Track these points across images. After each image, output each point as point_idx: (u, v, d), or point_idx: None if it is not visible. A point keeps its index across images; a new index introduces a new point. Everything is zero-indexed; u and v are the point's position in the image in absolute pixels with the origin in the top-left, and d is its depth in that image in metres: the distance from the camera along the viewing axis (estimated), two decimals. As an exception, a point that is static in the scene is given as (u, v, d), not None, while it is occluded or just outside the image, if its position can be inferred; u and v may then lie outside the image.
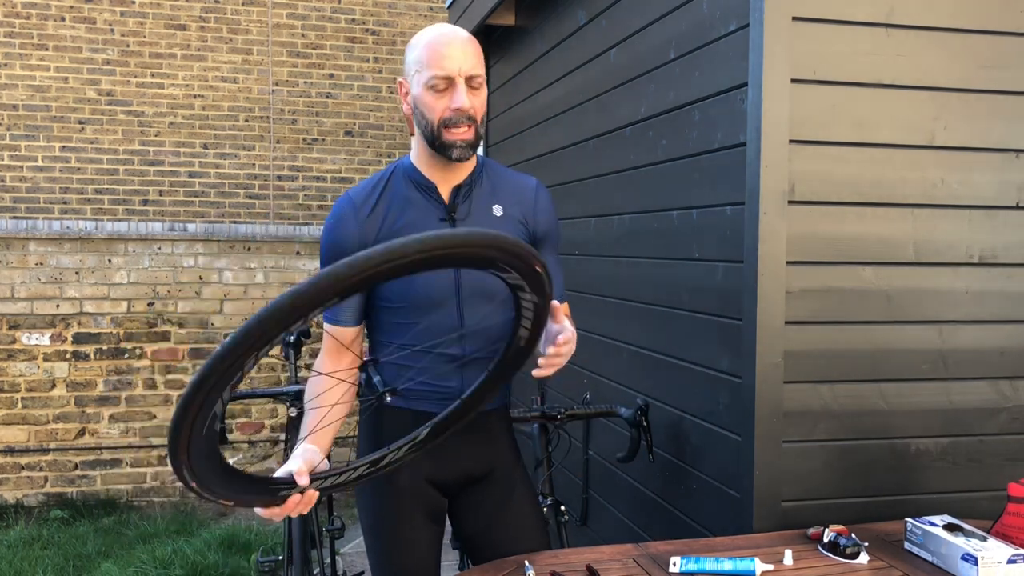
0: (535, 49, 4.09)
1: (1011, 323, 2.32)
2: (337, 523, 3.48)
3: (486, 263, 1.49)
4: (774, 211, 2.15)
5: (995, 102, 2.27)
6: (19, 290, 5.57)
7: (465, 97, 1.84)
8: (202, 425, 1.36)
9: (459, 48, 1.83)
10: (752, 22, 2.17)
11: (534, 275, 1.54)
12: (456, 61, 1.82)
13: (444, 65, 1.82)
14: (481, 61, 1.88)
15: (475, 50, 1.87)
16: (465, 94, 1.84)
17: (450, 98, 1.84)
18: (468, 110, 1.84)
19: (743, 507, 2.22)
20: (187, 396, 1.32)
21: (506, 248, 1.46)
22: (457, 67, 1.83)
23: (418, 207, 1.92)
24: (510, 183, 2.02)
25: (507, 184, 2.01)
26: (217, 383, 1.33)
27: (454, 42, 1.84)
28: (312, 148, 8.62)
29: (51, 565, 4.50)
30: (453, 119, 1.84)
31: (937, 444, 2.29)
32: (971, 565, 1.74)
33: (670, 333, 2.69)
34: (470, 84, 1.85)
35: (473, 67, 1.85)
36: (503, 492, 2.04)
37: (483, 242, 1.43)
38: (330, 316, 1.96)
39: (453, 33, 1.86)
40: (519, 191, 2.01)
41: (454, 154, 1.86)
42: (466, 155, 1.88)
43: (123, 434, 5.75)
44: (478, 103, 1.87)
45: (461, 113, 1.84)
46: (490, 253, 1.45)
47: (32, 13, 7.95)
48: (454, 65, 1.82)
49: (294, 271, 6.00)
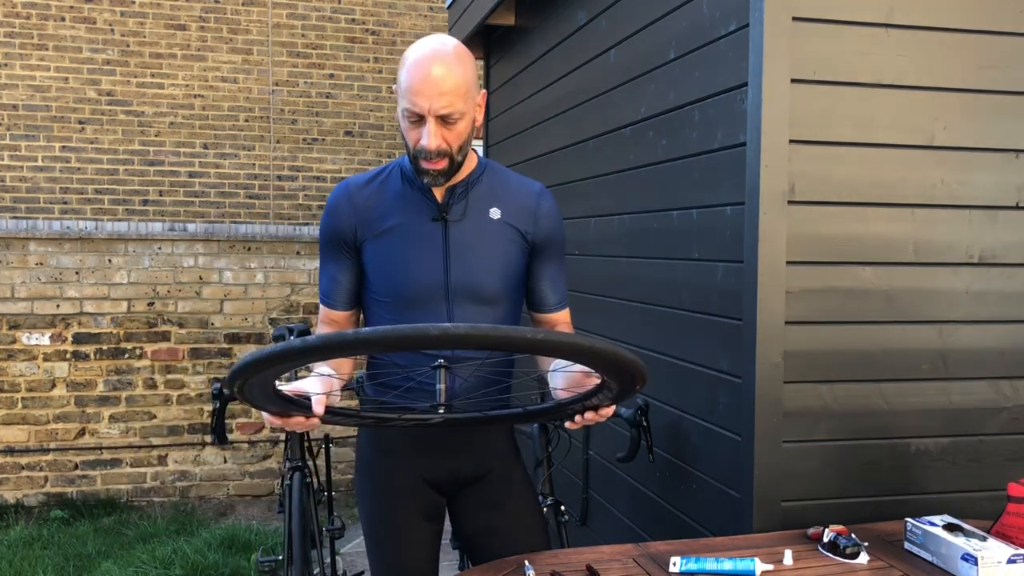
0: (535, 49, 4.09)
1: (1011, 323, 2.31)
2: (337, 523, 3.48)
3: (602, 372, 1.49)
4: (774, 211, 2.15)
5: (995, 102, 2.27)
6: (19, 290, 5.57)
7: (432, 138, 1.78)
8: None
9: (435, 85, 1.75)
10: (752, 22, 2.17)
11: (631, 391, 1.55)
12: (428, 100, 1.76)
13: (415, 101, 1.77)
14: (461, 91, 1.78)
15: (455, 82, 1.77)
16: (434, 134, 1.78)
17: (421, 131, 1.80)
18: (433, 150, 1.80)
19: (743, 507, 2.22)
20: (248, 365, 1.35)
21: (626, 367, 1.43)
22: (427, 106, 1.76)
23: (411, 205, 1.93)
24: (512, 187, 2.01)
25: (509, 187, 2.00)
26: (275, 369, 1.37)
27: (429, 79, 1.75)
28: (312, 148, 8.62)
29: (51, 565, 4.50)
30: (424, 152, 1.81)
31: (937, 444, 2.29)
32: (971, 565, 1.74)
33: (670, 333, 2.69)
34: (444, 120, 1.79)
35: (446, 105, 1.76)
36: (502, 491, 2.04)
37: (619, 359, 1.39)
38: (323, 297, 2.02)
39: (435, 63, 1.76)
40: (521, 196, 2.00)
41: (426, 180, 1.87)
42: (438, 183, 1.88)
43: (123, 434, 5.75)
44: (453, 136, 1.81)
45: (428, 152, 1.81)
46: (617, 371, 1.44)
47: (32, 13, 7.95)
48: (425, 103, 1.76)
49: (294, 271, 6.00)
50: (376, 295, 1.95)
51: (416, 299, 1.90)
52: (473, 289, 1.91)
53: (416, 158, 1.84)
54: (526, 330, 1.31)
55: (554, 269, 2.04)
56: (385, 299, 1.93)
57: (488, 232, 1.94)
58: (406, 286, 1.90)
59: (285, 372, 1.41)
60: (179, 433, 5.86)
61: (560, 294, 2.06)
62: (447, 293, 1.91)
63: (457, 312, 1.92)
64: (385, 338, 1.28)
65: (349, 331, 1.31)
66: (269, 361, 1.32)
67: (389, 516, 1.99)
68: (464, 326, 1.29)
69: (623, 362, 1.41)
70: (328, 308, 2.01)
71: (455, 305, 1.92)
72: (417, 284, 1.90)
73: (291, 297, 6.01)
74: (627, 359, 1.41)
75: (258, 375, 1.38)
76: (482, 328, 1.29)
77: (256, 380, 1.41)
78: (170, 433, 5.84)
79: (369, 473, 2.02)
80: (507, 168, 2.08)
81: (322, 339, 1.29)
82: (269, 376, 1.41)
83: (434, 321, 1.90)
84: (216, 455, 5.92)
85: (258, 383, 1.43)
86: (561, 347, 1.36)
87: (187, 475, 5.87)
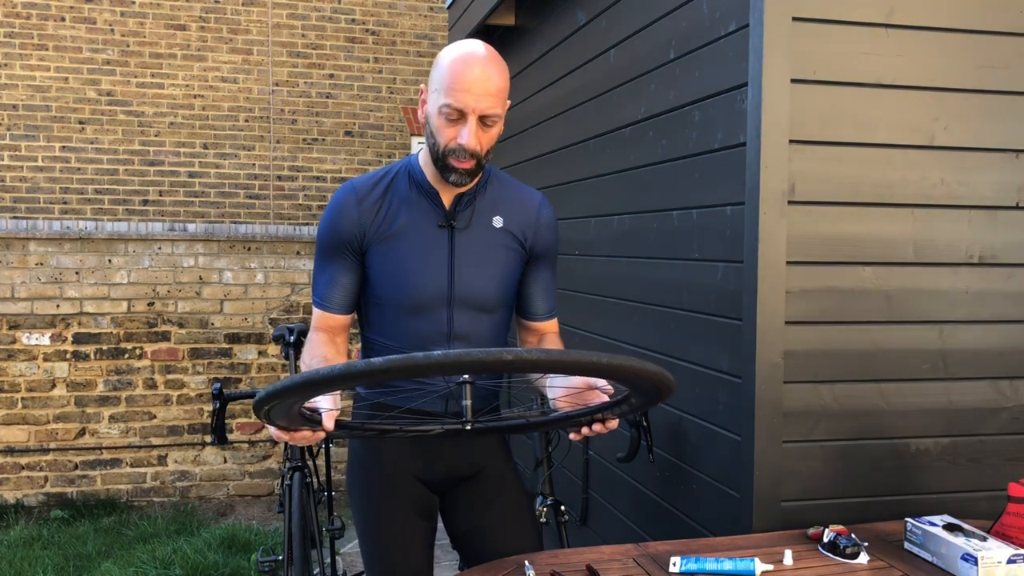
0: (535, 49, 4.09)
1: (1011, 323, 2.31)
2: (337, 523, 3.48)
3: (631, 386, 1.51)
4: (774, 211, 2.15)
5: (995, 102, 2.27)
6: (19, 290, 5.57)
7: (473, 137, 1.79)
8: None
9: (480, 84, 1.77)
10: (752, 22, 2.17)
11: (654, 403, 1.57)
12: (474, 98, 1.77)
13: (461, 99, 1.77)
14: (502, 96, 1.82)
15: (499, 85, 1.80)
16: (474, 133, 1.79)
17: (458, 130, 1.80)
18: (472, 149, 1.81)
19: (743, 507, 2.22)
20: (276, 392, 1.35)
21: (657, 381, 1.45)
22: (472, 104, 1.78)
23: (418, 210, 1.93)
24: (514, 196, 2.01)
25: (511, 197, 2.01)
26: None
27: (478, 78, 1.77)
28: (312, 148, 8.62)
29: (51, 565, 4.50)
30: (456, 152, 1.82)
31: (937, 444, 2.29)
32: (971, 565, 1.74)
33: (670, 333, 2.69)
34: (483, 122, 1.81)
35: (490, 106, 1.79)
36: (493, 490, 2.04)
37: (647, 373, 1.41)
38: (319, 300, 1.96)
39: (483, 64, 1.78)
40: (522, 205, 2.01)
41: (452, 178, 1.86)
42: (463, 182, 1.87)
43: (123, 434, 5.75)
44: (486, 139, 1.83)
45: (464, 151, 1.81)
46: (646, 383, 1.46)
47: (32, 13, 7.95)
48: (470, 101, 1.77)
49: (294, 271, 6.00)
50: (377, 299, 1.94)
51: (418, 305, 1.90)
52: (475, 298, 1.92)
53: (445, 156, 1.83)
54: (591, 354, 1.32)
55: (547, 278, 2.05)
56: (386, 303, 1.93)
57: (491, 241, 1.95)
58: (410, 292, 1.90)
59: (336, 391, 1.38)
60: (179, 433, 5.86)
61: (550, 303, 2.07)
62: (449, 300, 1.92)
63: (457, 318, 1.92)
64: (459, 362, 1.26)
65: (419, 355, 1.25)
66: (330, 382, 1.28)
67: (383, 515, 1.99)
68: (536, 351, 1.30)
69: (667, 385, 1.45)
70: (324, 311, 1.95)
71: (455, 311, 1.92)
72: (421, 291, 1.90)
73: (291, 297, 6.01)
74: (671, 383, 1.45)
75: (307, 395, 1.34)
76: (554, 353, 1.30)
77: (295, 400, 1.38)
78: (170, 433, 5.84)
79: (362, 472, 2.02)
80: (508, 175, 2.09)
81: (388, 362, 1.25)
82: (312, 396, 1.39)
83: (433, 327, 1.91)
84: (216, 455, 5.92)
85: (292, 402, 1.40)
86: (622, 370, 1.36)
87: (187, 475, 5.87)
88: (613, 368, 1.35)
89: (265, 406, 1.37)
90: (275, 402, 1.37)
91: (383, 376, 1.28)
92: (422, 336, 1.90)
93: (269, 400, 1.36)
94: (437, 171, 1.89)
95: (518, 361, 1.27)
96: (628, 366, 1.36)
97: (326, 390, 1.34)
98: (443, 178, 1.88)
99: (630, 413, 1.68)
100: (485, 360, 1.26)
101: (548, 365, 1.31)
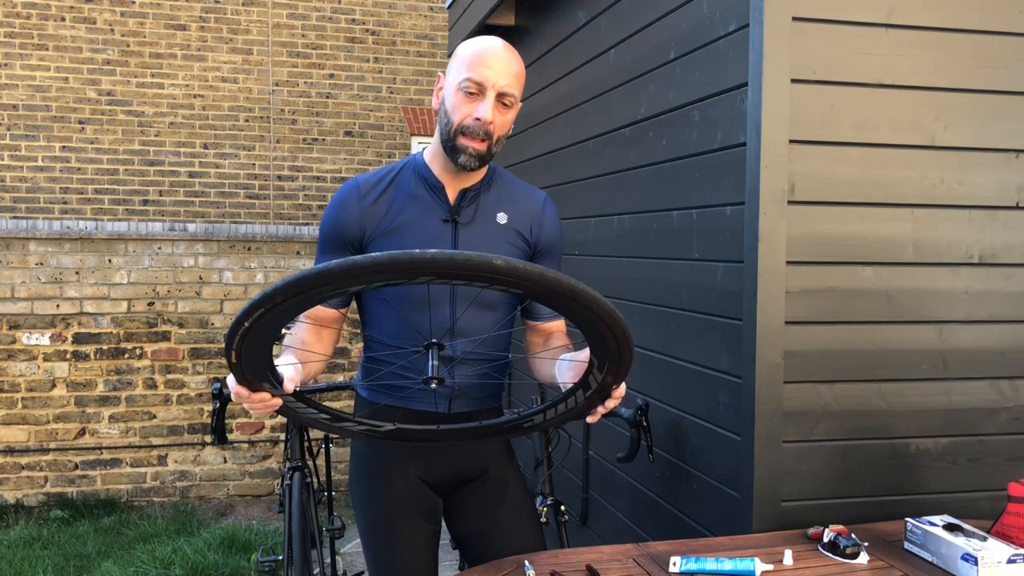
0: (535, 49, 4.09)
1: (1011, 323, 2.31)
2: (337, 523, 3.48)
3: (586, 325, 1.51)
4: (774, 211, 2.15)
5: (995, 102, 2.27)
6: (19, 290, 5.57)
7: (490, 111, 1.83)
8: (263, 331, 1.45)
9: (502, 63, 1.84)
10: (752, 22, 2.17)
11: (614, 356, 1.55)
12: (494, 73, 1.83)
13: (481, 72, 1.82)
14: (520, 83, 1.88)
15: (518, 71, 1.88)
16: (491, 108, 1.84)
17: (476, 106, 1.84)
18: (488, 124, 1.84)
19: (743, 507, 2.22)
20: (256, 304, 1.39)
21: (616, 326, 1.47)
22: (493, 79, 1.83)
23: (422, 204, 1.93)
24: (518, 194, 2.02)
25: (515, 195, 2.02)
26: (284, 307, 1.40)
27: (500, 56, 1.85)
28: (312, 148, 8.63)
29: (51, 565, 4.50)
30: (472, 128, 1.84)
31: (937, 444, 2.29)
32: (971, 565, 1.74)
33: (670, 333, 2.69)
34: (501, 100, 1.85)
35: (509, 85, 1.85)
36: (497, 492, 2.04)
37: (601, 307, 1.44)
38: None
39: (503, 50, 1.87)
40: (527, 203, 2.02)
41: (461, 159, 1.86)
42: (472, 164, 1.88)
43: (123, 434, 5.75)
44: (501, 121, 1.87)
45: (480, 124, 1.83)
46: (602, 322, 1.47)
47: (32, 13, 7.95)
48: (491, 76, 1.83)
49: (294, 271, 5.99)
50: (379, 293, 1.94)
51: (421, 300, 1.90)
52: (478, 295, 1.91)
53: (459, 134, 1.85)
54: (498, 256, 1.39)
55: None
56: (389, 298, 1.93)
57: (496, 237, 1.95)
58: (412, 287, 1.89)
59: (324, 297, 1.43)
60: (179, 433, 5.86)
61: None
62: (452, 297, 1.91)
63: (459, 314, 1.92)
64: (452, 260, 1.36)
65: (416, 251, 1.36)
66: (314, 281, 1.35)
67: (388, 517, 1.98)
68: (522, 263, 1.38)
69: (599, 307, 1.44)
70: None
71: (458, 307, 1.92)
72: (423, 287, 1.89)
73: (291, 297, 6.01)
74: (609, 309, 1.44)
75: (302, 295, 1.38)
76: (532, 268, 1.39)
77: (268, 323, 1.42)
78: (170, 433, 5.84)
79: (366, 473, 2.02)
80: (513, 175, 2.09)
81: (390, 256, 1.35)
82: (285, 318, 1.43)
83: (438, 323, 1.90)
84: (216, 455, 5.92)
85: (265, 331, 1.44)
86: (541, 280, 1.41)
87: (187, 475, 5.87)
88: (517, 272, 1.40)
89: (259, 309, 1.39)
90: (268, 306, 1.38)
91: (384, 269, 1.36)
92: (424, 332, 1.90)
93: (263, 303, 1.38)
94: (446, 155, 1.89)
95: (507, 268, 1.37)
96: (533, 271, 1.40)
97: (328, 288, 1.39)
98: (452, 160, 1.88)
99: (612, 377, 1.64)
100: (475, 261, 1.35)
101: (460, 264, 1.37)
